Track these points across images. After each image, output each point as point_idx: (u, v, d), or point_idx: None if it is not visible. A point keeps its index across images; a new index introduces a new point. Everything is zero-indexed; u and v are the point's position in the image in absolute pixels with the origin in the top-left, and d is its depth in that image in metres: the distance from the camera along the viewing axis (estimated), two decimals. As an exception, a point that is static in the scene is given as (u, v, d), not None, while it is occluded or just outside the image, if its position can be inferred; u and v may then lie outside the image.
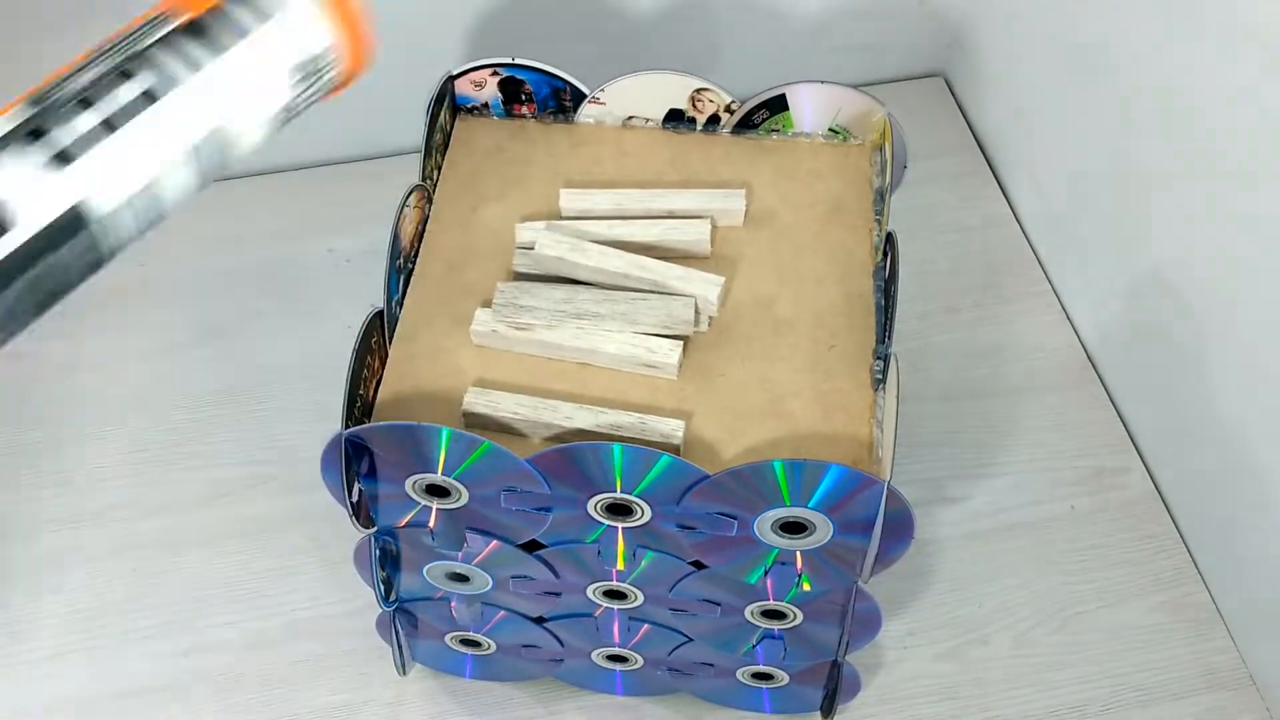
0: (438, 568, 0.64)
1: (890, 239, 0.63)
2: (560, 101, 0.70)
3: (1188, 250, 0.77)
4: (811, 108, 0.68)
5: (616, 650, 0.70)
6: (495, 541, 0.60)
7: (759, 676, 0.70)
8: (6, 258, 0.36)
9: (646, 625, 0.67)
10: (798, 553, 0.58)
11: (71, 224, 0.37)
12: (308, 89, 0.43)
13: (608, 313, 0.60)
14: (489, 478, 0.56)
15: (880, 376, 0.59)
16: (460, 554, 0.62)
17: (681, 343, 0.60)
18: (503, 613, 0.68)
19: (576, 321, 0.60)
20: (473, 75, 0.69)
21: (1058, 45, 0.90)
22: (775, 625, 0.65)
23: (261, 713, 0.75)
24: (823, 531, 0.56)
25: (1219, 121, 0.72)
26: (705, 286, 0.61)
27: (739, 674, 0.70)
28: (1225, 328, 0.75)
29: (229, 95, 0.41)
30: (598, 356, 0.60)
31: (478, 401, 0.58)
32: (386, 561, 0.65)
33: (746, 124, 0.69)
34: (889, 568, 0.58)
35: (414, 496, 0.58)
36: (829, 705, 0.73)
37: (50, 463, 0.86)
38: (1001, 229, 0.99)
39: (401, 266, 0.63)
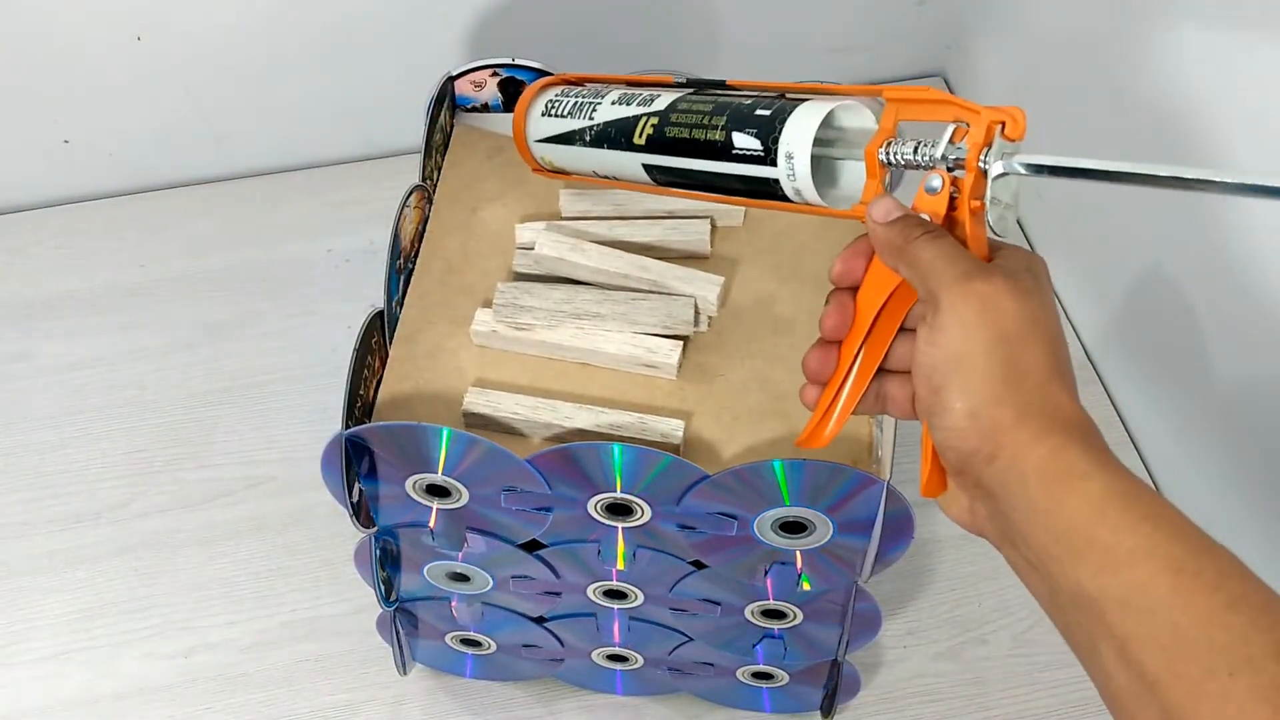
0: (438, 568, 0.64)
1: (890, 239, 0.63)
2: (560, 102, 0.70)
3: (1187, 249, 0.77)
4: (811, 108, 0.68)
5: (616, 650, 0.70)
6: (495, 541, 0.60)
7: (759, 676, 0.70)
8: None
9: (647, 625, 0.67)
10: (798, 552, 0.58)
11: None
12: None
13: (608, 313, 0.60)
14: (489, 477, 0.56)
15: (880, 376, 0.59)
16: (460, 554, 0.62)
17: (681, 343, 0.60)
18: (503, 612, 0.68)
19: (576, 321, 0.60)
20: (473, 75, 0.69)
21: (1056, 45, 0.90)
22: (775, 625, 0.65)
23: (261, 713, 0.75)
24: (822, 531, 0.56)
25: (1219, 119, 0.72)
26: (705, 286, 0.61)
27: (739, 673, 0.70)
28: (1225, 327, 0.75)
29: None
30: (598, 356, 0.60)
31: (478, 401, 0.58)
32: (387, 561, 0.65)
33: (746, 124, 0.69)
34: (889, 567, 0.58)
35: (414, 496, 0.58)
36: (829, 705, 0.73)
37: (50, 463, 0.86)
38: (1001, 229, 0.99)
39: (401, 267, 0.63)
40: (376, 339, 0.59)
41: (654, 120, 0.53)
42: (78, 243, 0.98)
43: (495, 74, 0.69)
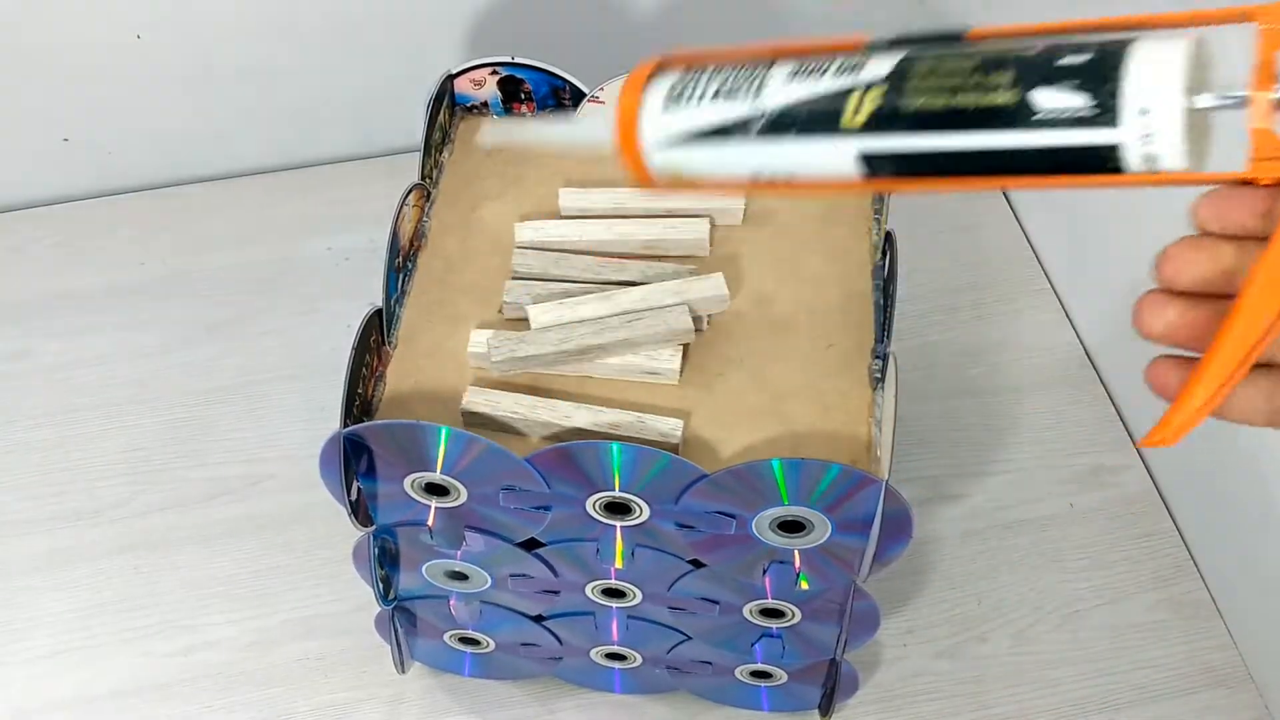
0: (437, 566, 0.64)
1: (889, 238, 0.63)
2: (560, 100, 0.70)
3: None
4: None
5: (615, 648, 0.70)
6: (494, 540, 0.60)
7: (757, 675, 0.70)
8: None
9: (645, 623, 0.67)
10: (796, 551, 0.58)
11: None
12: None
13: (608, 341, 0.59)
14: (488, 476, 0.56)
15: (879, 375, 0.59)
16: (459, 552, 0.62)
17: (681, 348, 0.60)
18: (502, 611, 0.68)
19: (579, 358, 0.59)
20: (472, 74, 0.69)
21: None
22: (774, 624, 0.65)
23: (261, 712, 0.75)
24: (821, 530, 0.56)
25: (1217, 119, 0.72)
26: (709, 287, 0.61)
27: (737, 672, 0.70)
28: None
29: None
30: (599, 368, 0.59)
31: (477, 400, 0.58)
32: (385, 560, 0.65)
33: (745, 123, 0.69)
34: (887, 566, 0.58)
35: (413, 495, 0.58)
36: (827, 704, 0.73)
37: (50, 461, 0.86)
38: (1001, 227, 0.99)
39: (401, 265, 0.63)
40: (375, 337, 0.59)
41: (879, 90, 0.41)
42: (78, 242, 0.98)
43: (495, 72, 0.69)
